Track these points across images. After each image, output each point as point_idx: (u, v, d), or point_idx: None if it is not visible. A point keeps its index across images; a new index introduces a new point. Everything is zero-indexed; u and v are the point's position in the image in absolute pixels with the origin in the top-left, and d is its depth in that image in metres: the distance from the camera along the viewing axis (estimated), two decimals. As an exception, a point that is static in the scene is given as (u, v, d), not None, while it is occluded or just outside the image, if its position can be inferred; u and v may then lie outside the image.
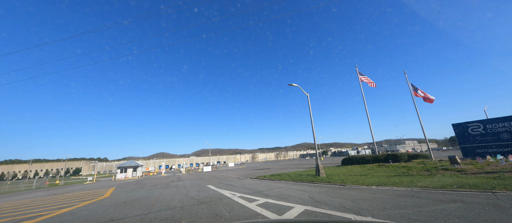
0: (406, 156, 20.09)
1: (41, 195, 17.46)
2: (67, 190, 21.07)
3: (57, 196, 15.41)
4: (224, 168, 54.85)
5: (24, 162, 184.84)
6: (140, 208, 7.66)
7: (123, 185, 21.94)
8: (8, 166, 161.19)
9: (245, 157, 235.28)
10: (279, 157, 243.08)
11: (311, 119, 16.94)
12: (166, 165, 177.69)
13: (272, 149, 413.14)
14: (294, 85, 17.14)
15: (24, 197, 17.48)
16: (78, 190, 20.16)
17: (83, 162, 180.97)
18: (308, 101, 17.58)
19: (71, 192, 17.83)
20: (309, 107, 17.39)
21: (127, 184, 23.42)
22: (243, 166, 62.50)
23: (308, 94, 17.62)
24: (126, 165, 47.41)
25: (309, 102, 17.56)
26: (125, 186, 19.97)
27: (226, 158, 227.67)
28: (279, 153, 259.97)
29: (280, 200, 7.36)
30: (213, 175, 26.90)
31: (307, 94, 17.63)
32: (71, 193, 17.12)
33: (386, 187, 8.71)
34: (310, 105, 17.47)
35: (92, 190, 17.75)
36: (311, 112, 17.20)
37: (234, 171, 34.20)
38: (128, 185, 21.31)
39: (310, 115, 17.05)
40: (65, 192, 19.21)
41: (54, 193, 18.43)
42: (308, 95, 17.62)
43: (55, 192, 20.54)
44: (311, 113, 17.10)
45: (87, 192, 16.32)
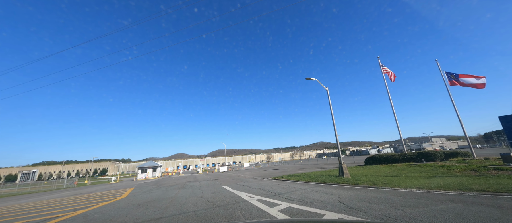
0: (442, 154, 17.88)
1: (66, 195, 18.18)
2: (91, 190, 21.89)
3: (80, 196, 15.83)
4: (239, 168, 54.56)
5: (58, 163, 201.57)
6: (153, 212, 7.17)
7: (142, 185, 22.27)
8: (44, 167, 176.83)
9: (260, 157, 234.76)
10: (295, 157, 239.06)
11: (331, 115, 15.65)
12: (184, 165, 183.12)
13: (287, 148, 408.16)
14: (312, 79, 15.98)
15: (51, 196, 18.33)
16: (100, 190, 20.81)
17: (109, 162, 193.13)
18: (328, 96, 16.29)
19: (93, 192, 18.35)
20: (329, 102, 16.10)
21: (146, 184, 23.79)
22: (259, 166, 61.82)
23: (327, 89, 16.34)
24: (146, 166, 49.03)
25: (329, 97, 16.27)
26: (144, 186, 20.18)
27: (241, 158, 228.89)
28: (295, 152, 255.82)
29: (305, 205, 6.42)
30: (229, 175, 26.46)
31: (326, 89, 16.36)
32: (93, 193, 17.57)
33: (431, 190, 7.36)
34: (330, 100, 16.17)
35: (113, 190, 18.09)
36: (332, 107, 15.91)
37: (250, 171, 33.57)
38: (146, 185, 21.56)
39: (331, 110, 15.76)
40: (88, 192, 19.88)
41: (79, 193, 19.12)
42: (327, 89, 16.34)
43: (80, 191, 21.41)
44: (331, 109, 15.81)
45: (107, 192, 16.61)
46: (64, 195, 17.97)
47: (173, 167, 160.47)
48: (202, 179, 22.90)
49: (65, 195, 18.41)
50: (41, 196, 19.64)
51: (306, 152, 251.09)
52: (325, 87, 16.33)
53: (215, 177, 24.97)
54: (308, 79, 16.00)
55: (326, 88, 16.33)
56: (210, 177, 26.02)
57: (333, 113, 15.64)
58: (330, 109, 15.78)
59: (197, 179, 23.57)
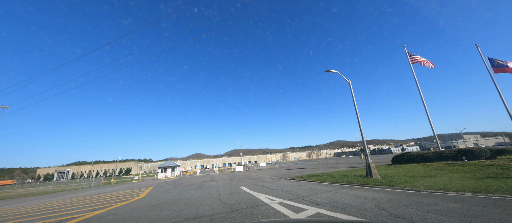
0: (488, 152, 15.57)
1: (91, 194, 18.91)
2: (114, 189, 22.70)
3: (102, 195, 16.26)
4: (255, 168, 54.05)
5: (88, 163, 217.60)
6: (167, 214, 6.72)
7: (161, 184, 22.57)
8: (76, 167, 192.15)
9: (276, 156, 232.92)
10: (311, 156, 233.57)
11: (355, 109, 14.31)
12: (201, 165, 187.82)
13: (303, 148, 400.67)
14: (332, 71, 14.75)
15: (78, 195, 19.21)
16: (123, 189, 21.46)
17: (132, 162, 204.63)
18: (351, 89, 14.94)
19: (116, 191, 18.88)
20: (353, 96, 14.75)
21: (165, 183, 24.10)
22: (275, 165, 60.81)
23: (349, 81, 15.00)
24: (166, 165, 50.56)
25: (352, 90, 14.91)
26: (162, 185, 20.37)
27: (257, 158, 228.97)
28: (311, 151, 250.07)
29: (336, 210, 5.49)
30: (246, 175, 25.95)
31: (348, 81, 15.02)
32: (115, 192, 18.04)
33: (492, 194, 6.00)
34: (353, 93, 14.81)
35: (133, 190, 18.44)
36: (355, 101, 14.55)
37: (266, 171, 32.80)
38: (165, 184, 21.78)
39: (354, 104, 14.42)
40: (112, 190, 20.54)
41: (103, 192, 19.81)
42: (350, 81, 14.99)
43: (104, 190, 22.28)
44: (355, 102, 14.46)
45: (128, 192, 16.89)
46: (89, 194, 18.70)
47: (191, 167, 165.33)
48: (218, 179, 22.62)
49: (90, 193, 19.16)
50: (70, 194, 20.72)
51: (323, 151, 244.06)
52: (347, 80, 15.01)
53: (232, 177, 24.59)
54: (328, 71, 14.81)
55: (349, 81, 15.00)
56: (227, 177, 25.72)
57: (357, 108, 14.29)
58: (354, 104, 14.44)
59: (214, 179, 23.35)
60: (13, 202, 17.81)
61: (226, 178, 22.96)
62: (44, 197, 20.53)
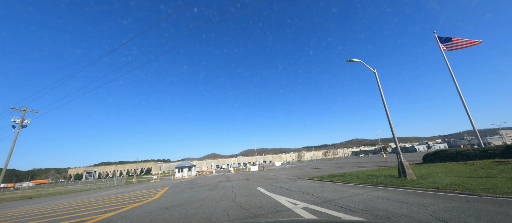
0: (549, 148, 13.17)
1: (110, 194, 19.28)
2: (133, 188, 23.13)
3: (119, 195, 16.37)
4: (270, 167, 53.03)
5: (112, 163, 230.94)
6: (178, 218, 6.07)
7: (177, 184, 22.51)
8: (102, 167, 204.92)
9: (291, 156, 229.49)
10: (328, 155, 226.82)
11: (383, 102, 12.80)
12: (217, 165, 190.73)
13: (319, 147, 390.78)
14: (355, 60, 13.35)
15: (98, 194, 19.72)
16: (140, 188, 21.75)
17: (152, 163, 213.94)
18: (377, 80, 13.42)
19: (133, 191, 19.07)
20: (379, 87, 13.23)
21: (181, 183, 24.06)
22: (290, 165, 59.31)
23: (375, 70, 13.48)
24: (182, 165, 51.46)
25: (378, 81, 13.38)
26: (178, 185, 20.22)
27: (272, 157, 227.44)
28: (327, 150, 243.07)
29: (381, 220, 4.41)
30: (261, 175, 25.12)
31: (374, 71, 13.51)
32: (132, 192, 18.18)
33: None
34: (380, 85, 13.29)
35: (149, 190, 18.45)
36: (383, 93, 13.02)
37: (282, 171, 31.69)
38: (181, 184, 21.66)
39: (382, 97, 12.90)
40: (130, 190, 20.85)
41: (122, 192, 20.14)
42: (375, 71, 13.48)
43: (123, 190, 22.77)
44: (382, 95, 12.94)
45: (144, 192, 16.86)
46: (108, 194, 19.08)
47: (207, 167, 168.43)
48: (234, 179, 22.04)
49: (109, 193, 19.55)
50: (91, 194, 21.42)
51: (340, 150, 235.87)
52: (372, 70, 13.51)
53: (247, 177, 23.90)
54: (350, 61, 13.43)
55: (374, 71, 13.49)
56: (242, 177, 25.09)
57: (385, 100, 12.76)
58: (381, 95, 12.93)
59: (229, 179, 22.82)
60: (40, 201, 18.69)
61: (241, 178, 22.31)
62: (68, 197, 21.40)
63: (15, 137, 25.07)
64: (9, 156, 24.37)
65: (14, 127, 25.35)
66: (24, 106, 26.16)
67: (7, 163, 24.31)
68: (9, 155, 24.39)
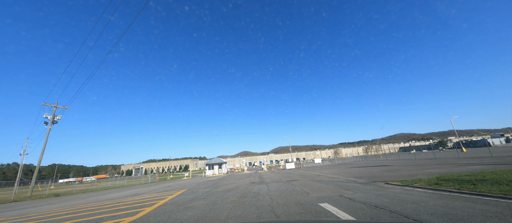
0: None
1: (121, 195, 16.24)
2: (151, 189, 20.13)
3: (125, 199, 12.83)
4: (308, 165, 46.23)
5: (157, 161, 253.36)
6: None
7: (198, 186, 18.45)
8: (147, 164, 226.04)
9: (326, 152, 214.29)
10: (370, 152, 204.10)
11: None
12: (249, 162, 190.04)
13: (357, 142, 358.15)
14: None
15: (109, 196, 16.97)
16: (155, 190, 18.48)
17: (189, 160, 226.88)
18: None
19: (144, 194, 15.63)
20: None
21: (205, 184, 20.00)
22: (329, 162, 51.28)
23: None
24: (213, 162, 48.95)
25: None
26: (197, 188, 15.95)
27: (305, 154, 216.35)
28: (369, 147, 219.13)
29: None
30: (303, 174, 19.28)
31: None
32: (141, 196, 14.66)
33: None
34: None
35: (159, 193, 14.65)
36: None
37: (328, 169, 25.12)
38: (202, 186, 17.46)
39: None
40: (145, 191, 17.63)
41: (136, 193, 17.02)
42: None
43: (141, 190, 19.90)
44: None
45: (150, 196, 12.99)
46: (120, 195, 16.07)
47: (240, 164, 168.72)
48: (269, 180, 16.88)
49: (121, 195, 16.57)
50: (116, 193, 19.11)
51: (384, 146, 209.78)
52: None
53: (287, 176, 18.42)
54: None
55: None
56: (280, 176, 19.73)
57: None
58: None
59: (263, 179, 17.75)
60: (72, 199, 16.76)
61: (279, 179, 16.87)
62: (100, 194, 19.43)
63: (47, 133, 25.01)
64: (42, 152, 24.32)
65: (46, 123, 25.39)
66: (54, 103, 26.12)
67: (40, 160, 24.27)
68: (42, 151, 24.33)
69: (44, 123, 25.05)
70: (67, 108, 27.02)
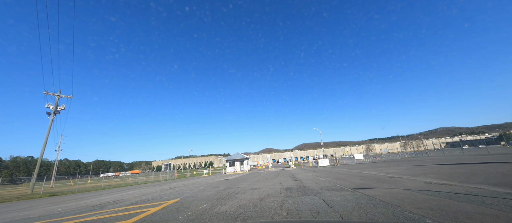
0: None
1: (126, 195, 11.76)
2: (152, 191, 15.66)
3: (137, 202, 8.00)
4: (346, 162, 38.42)
5: (185, 157, 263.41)
6: None
7: (206, 190, 13.13)
8: (176, 160, 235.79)
9: (357, 149, 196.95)
10: (408, 148, 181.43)
11: None
12: (273, 159, 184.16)
13: (388, 138, 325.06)
14: None
15: (116, 195, 12.73)
16: (166, 189, 13.86)
17: (214, 156, 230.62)
18: None
19: (155, 193, 10.89)
20: None
21: (214, 187, 14.68)
22: (366, 159, 42.43)
23: None
24: (233, 158, 44.28)
25: None
26: (199, 196, 10.62)
27: (333, 151, 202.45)
28: (407, 142, 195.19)
29: None
30: (360, 175, 12.60)
31: None
32: (154, 193, 9.88)
33: None
34: None
35: (146, 204, 9.65)
36: None
37: (388, 167, 17.81)
38: (209, 191, 12.11)
39: None
40: (141, 194, 12.99)
41: (141, 194, 12.45)
42: None
43: (154, 189, 15.47)
44: None
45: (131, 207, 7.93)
46: (125, 195, 11.61)
47: (263, 161, 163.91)
48: (312, 183, 10.84)
49: (127, 195, 12.12)
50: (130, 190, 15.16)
51: (427, 141, 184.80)
52: None
53: (336, 178, 12.04)
54: None
55: None
56: (324, 177, 13.42)
57: None
58: None
59: (302, 182, 11.76)
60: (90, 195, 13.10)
61: (331, 184, 10.52)
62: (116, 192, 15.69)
63: (49, 124, 22.58)
64: (44, 145, 21.95)
65: (48, 114, 23.03)
66: (57, 91, 23.70)
67: (42, 153, 21.86)
68: (44, 144, 21.95)
69: (47, 113, 22.64)
70: (71, 97, 24.42)
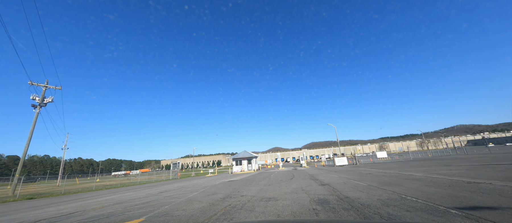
0: None
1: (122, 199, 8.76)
2: (162, 189, 12.66)
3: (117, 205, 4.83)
4: (363, 160, 34.06)
5: (191, 156, 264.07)
6: None
7: (194, 201, 9.89)
8: (184, 159, 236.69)
9: (369, 147, 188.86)
10: (425, 146, 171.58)
11: None
12: (282, 158, 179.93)
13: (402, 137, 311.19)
14: None
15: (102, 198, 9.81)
16: (154, 193, 10.81)
17: (222, 156, 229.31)
18: None
19: (146, 197, 7.82)
20: None
21: (209, 194, 11.34)
22: (387, 158, 37.74)
23: None
24: (240, 157, 41.01)
25: None
26: (185, 208, 7.34)
27: (343, 149, 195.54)
28: (424, 140, 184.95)
29: None
30: (412, 177, 8.76)
31: None
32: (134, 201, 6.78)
33: None
34: None
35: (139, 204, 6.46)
36: None
37: (422, 166, 13.77)
38: (200, 199, 8.81)
39: None
40: (146, 194, 9.91)
41: (128, 199, 9.38)
42: None
43: (149, 191, 12.47)
44: None
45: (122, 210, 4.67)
46: (92, 203, 8.62)
47: (272, 160, 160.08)
48: (345, 187, 7.30)
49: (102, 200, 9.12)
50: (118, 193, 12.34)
51: (446, 139, 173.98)
52: None
53: (371, 178, 8.38)
54: None
55: None
56: (361, 180, 9.69)
57: None
58: None
59: (335, 189, 8.21)
60: None
61: (384, 195, 6.86)
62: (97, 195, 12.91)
63: (35, 118, 20.27)
64: (28, 141, 19.67)
65: (34, 106, 20.74)
66: (44, 82, 21.40)
67: (26, 150, 19.57)
68: (28, 139, 19.65)
69: (32, 106, 20.32)
70: (60, 88, 22.01)
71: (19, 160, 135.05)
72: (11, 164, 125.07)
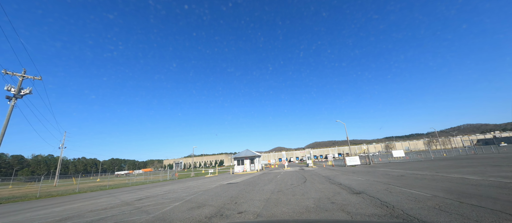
0: None
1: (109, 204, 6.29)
2: (148, 193, 10.21)
3: None
4: (384, 160, 31.09)
5: (194, 156, 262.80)
6: None
7: (191, 202, 7.31)
8: (187, 159, 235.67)
9: (375, 147, 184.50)
10: (433, 145, 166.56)
11: None
12: (286, 158, 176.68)
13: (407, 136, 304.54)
14: None
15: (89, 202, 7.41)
16: (150, 196, 8.37)
17: (224, 155, 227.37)
18: None
19: (109, 209, 5.31)
20: None
21: (196, 204, 8.75)
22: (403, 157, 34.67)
23: None
24: (242, 156, 38.38)
25: None
26: None
27: (348, 149, 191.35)
28: (432, 140, 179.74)
29: None
30: (464, 181, 6.07)
31: None
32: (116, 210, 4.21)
33: None
34: None
35: None
36: None
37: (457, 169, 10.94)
38: (183, 213, 6.22)
39: None
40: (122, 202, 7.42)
41: (117, 202, 6.88)
42: None
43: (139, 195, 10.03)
44: None
45: None
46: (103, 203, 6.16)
47: (275, 160, 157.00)
48: (389, 196, 4.74)
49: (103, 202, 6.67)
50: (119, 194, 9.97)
51: (456, 139, 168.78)
52: None
53: (405, 182, 5.73)
54: None
55: None
56: (396, 184, 7.05)
57: None
58: None
59: (378, 199, 5.61)
60: None
61: (460, 210, 4.21)
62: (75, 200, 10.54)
63: (9, 110, 18.02)
64: (1, 135, 17.49)
65: (8, 98, 18.53)
66: (21, 71, 19.18)
67: (-1, 148, 17.44)
68: (2, 134, 17.46)
69: (6, 98, 18.07)
70: (40, 78, 19.73)
71: (23, 160, 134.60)
72: (15, 164, 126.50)
